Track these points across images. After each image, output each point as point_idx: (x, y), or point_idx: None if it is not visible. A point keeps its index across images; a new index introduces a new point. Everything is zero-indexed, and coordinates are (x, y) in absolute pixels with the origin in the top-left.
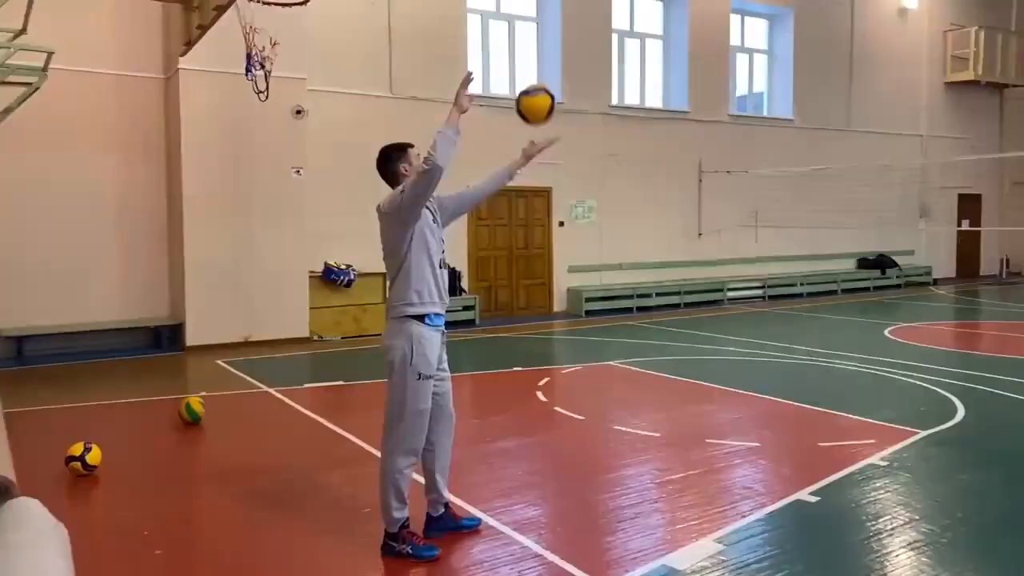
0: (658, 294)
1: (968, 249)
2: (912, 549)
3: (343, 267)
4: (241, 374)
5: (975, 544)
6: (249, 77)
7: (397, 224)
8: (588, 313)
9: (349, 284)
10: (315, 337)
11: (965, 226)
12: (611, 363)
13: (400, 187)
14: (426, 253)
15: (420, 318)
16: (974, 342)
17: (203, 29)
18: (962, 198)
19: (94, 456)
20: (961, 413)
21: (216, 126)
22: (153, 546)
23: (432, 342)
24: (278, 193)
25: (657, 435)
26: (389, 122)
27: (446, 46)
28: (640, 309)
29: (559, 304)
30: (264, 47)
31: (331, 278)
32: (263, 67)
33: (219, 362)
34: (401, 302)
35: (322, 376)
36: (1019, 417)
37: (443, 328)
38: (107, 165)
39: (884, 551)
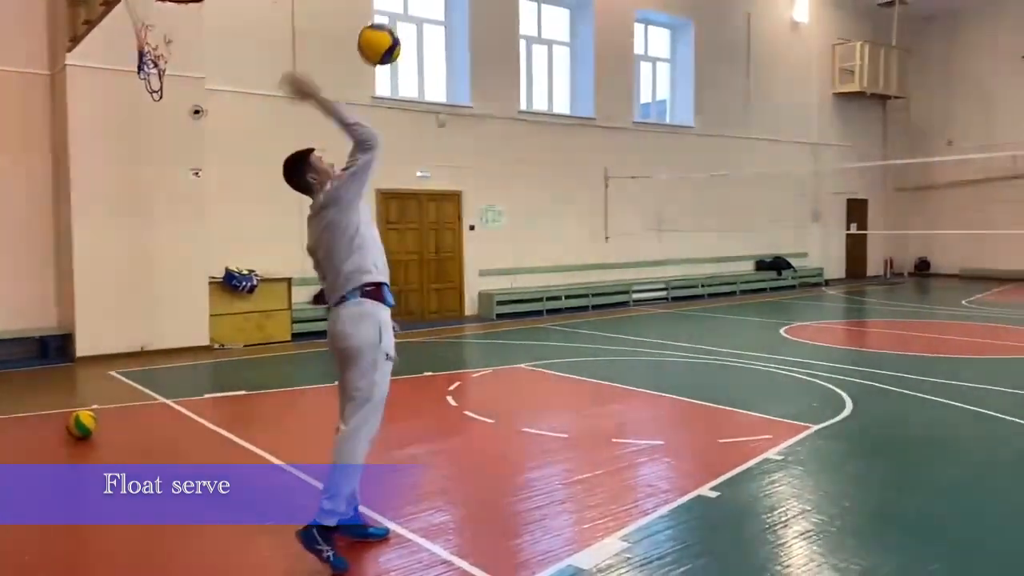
0: (567, 296)
1: (856, 251)
2: (804, 539)
3: (245, 272)
4: (136, 385)
5: (861, 531)
6: (142, 76)
7: (349, 204)
8: (499, 316)
9: (251, 290)
10: (216, 345)
11: (853, 229)
12: (522, 366)
13: (345, 168)
14: (374, 223)
15: (380, 295)
16: (861, 339)
17: (90, 24)
18: (850, 203)
19: None
20: (849, 407)
21: (108, 125)
22: (35, 572)
23: (390, 324)
24: (175, 195)
25: (565, 436)
26: (292, 123)
27: (352, 47)
28: (550, 312)
29: (470, 308)
30: (157, 45)
31: (232, 284)
32: (156, 66)
33: (112, 373)
34: (363, 274)
35: (224, 386)
36: (900, 410)
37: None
38: None
39: (779, 542)
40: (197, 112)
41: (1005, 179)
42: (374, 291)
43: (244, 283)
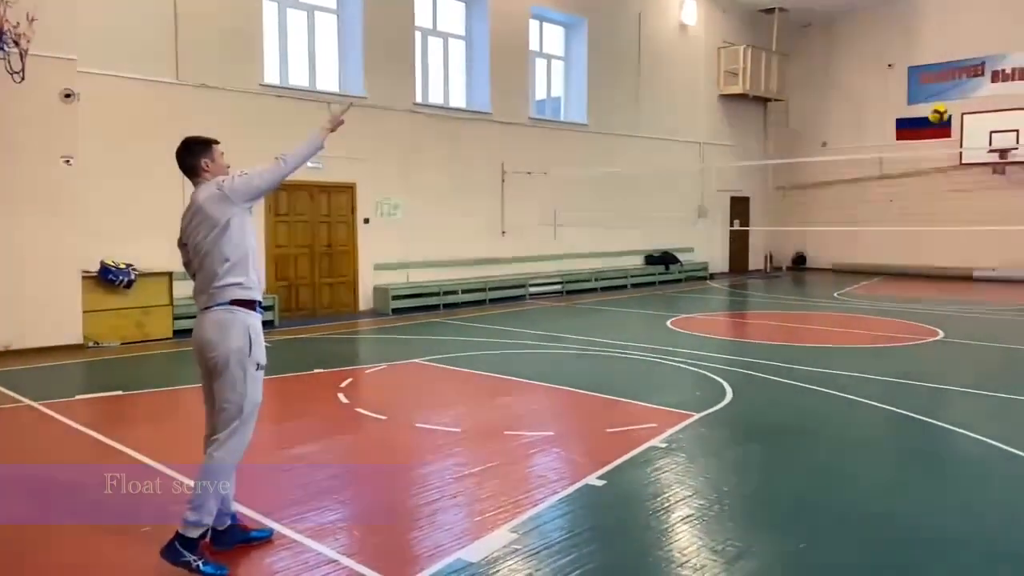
0: (464, 291)
1: (739, 246)
2: (686, 523)
3: (122, 266)
4: None
5: (738, 514)
6: (0, 56)
7: (243, 211)
8: (395, 311)
9: (129, 285)
10: (90, 344)
11: (736, 226)
12: (416, 361)
13: (249, 172)
14: (254, 237)
15: (252, 306)
16: (742, 330)
17: None
18: (734, 200)
19: None
20: (729, 395)
21: None
22: None
23: (261, 331)
24: (44, 185)
25: (458, 430)
26: (175, 110)
27: (240, 32)
28: (447, 306)
29: (365, 303)
30: (19, 23)
31: (108, 278)
32: (17, 45)
33: None
34: (237, 288)
35: (97, 386)
36: (776, 397)
37: None
38: None
39: (662, 527)
40: (68, 96)
41: (873, 179)
42: (247, 304)
43: (121, 277)
